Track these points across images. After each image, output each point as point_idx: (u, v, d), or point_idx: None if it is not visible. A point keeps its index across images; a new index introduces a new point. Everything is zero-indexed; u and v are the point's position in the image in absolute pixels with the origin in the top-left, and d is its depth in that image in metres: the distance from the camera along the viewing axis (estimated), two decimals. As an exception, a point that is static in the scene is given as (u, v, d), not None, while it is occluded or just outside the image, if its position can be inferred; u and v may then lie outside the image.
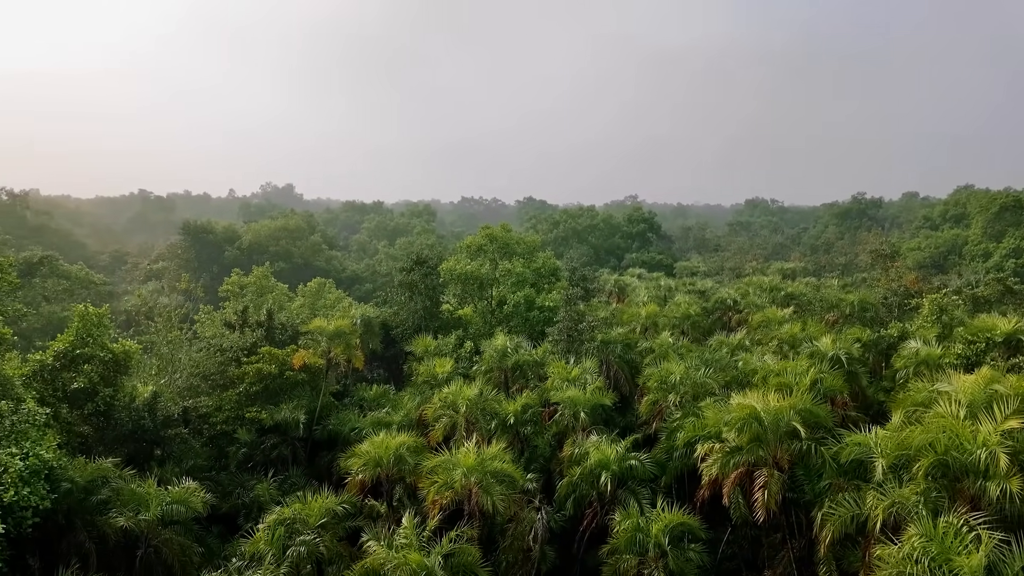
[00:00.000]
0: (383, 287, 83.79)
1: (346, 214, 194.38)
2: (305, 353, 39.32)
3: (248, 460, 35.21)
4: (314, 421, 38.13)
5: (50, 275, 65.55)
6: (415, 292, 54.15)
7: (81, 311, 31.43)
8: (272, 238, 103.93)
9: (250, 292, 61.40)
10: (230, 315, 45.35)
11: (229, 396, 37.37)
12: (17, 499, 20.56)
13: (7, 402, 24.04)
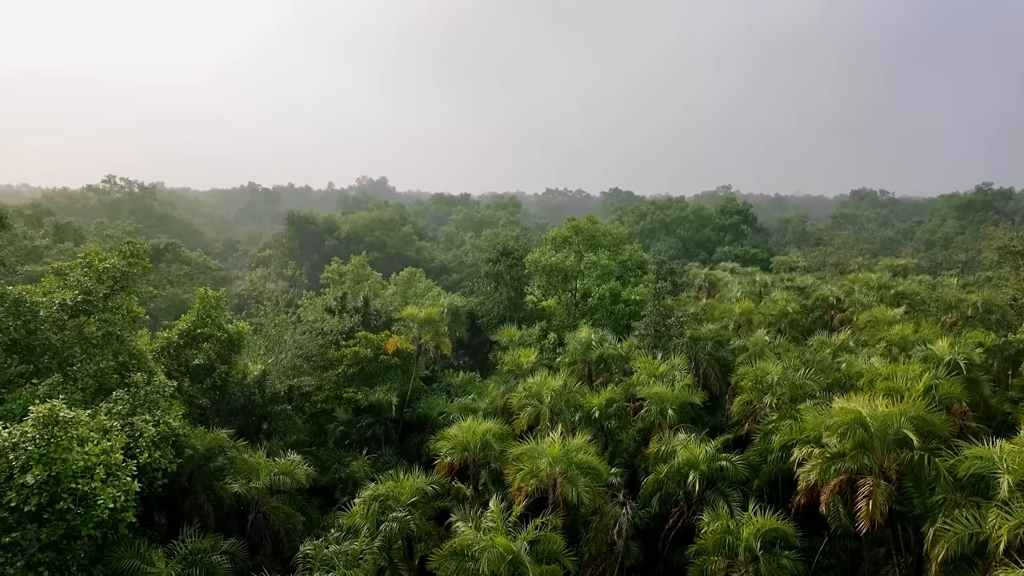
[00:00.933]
0: (469, 277, 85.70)
1: (435, 206, 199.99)
2: (398, 339, 41.11)
3: (345, 438, 37.36)
4: (405, 404, 39.85)
5: (174, 260, 72.30)
6: (500, 283, 55.11)
7: (202, 294, 34.47)
8: (367, 228, 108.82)
9: (348, 280, 64.75)
10: (330, 301, 48.05)
11: (329, 377, 39.77)
12: (150, 461, 23.01)
13: (142, 374, 26.90)
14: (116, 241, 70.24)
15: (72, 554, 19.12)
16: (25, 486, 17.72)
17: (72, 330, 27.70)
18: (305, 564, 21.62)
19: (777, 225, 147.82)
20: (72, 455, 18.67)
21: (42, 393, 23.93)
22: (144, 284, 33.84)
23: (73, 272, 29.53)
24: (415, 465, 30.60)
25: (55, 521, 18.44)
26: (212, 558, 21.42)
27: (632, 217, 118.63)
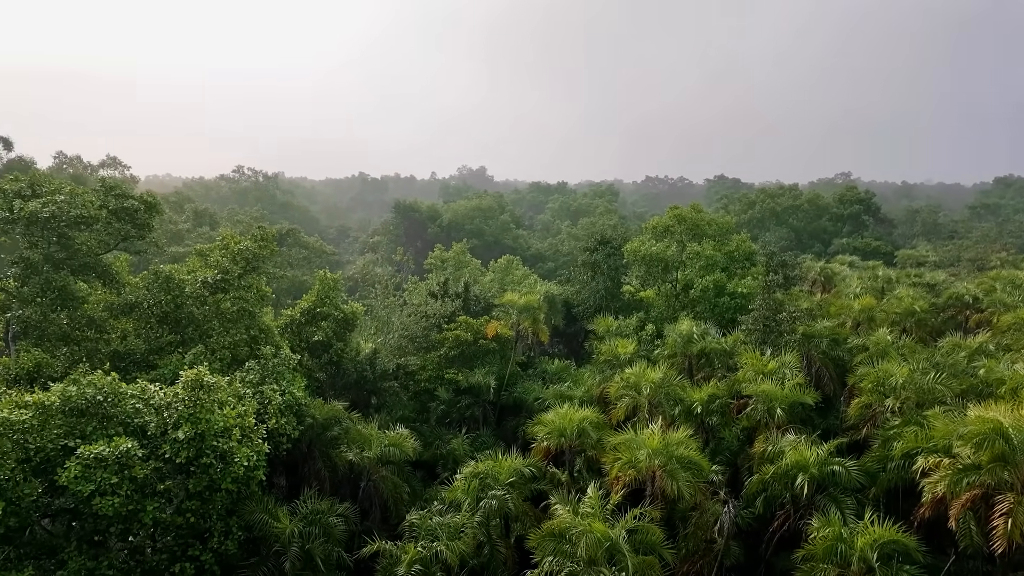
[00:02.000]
0: (565, 266, 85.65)
1: (532, 194, 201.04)
2: (497, 324, 42.10)
3: (445, 416, 38.96)
4: (502, 387, 40.85)
5: (294, 245, 78.07)
6: (597, 272, 54.72)
7: (322, 276, 37.10)
8: (467, 217, 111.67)
9: (449, 266, 67.00)
10: (433, 286, 49.97)
11: (431, 358, 41.55)
12: (276, 427, 25.30)
13: (270, 347, 29.53)
14: (245, 226, 76.92)
15: (212, 504, 21.52)
16: (176, 441, 20.12)
17: (211, 305, 30.84)
18: (411, 532, 22.93)
19: (904, 216, 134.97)
20: (214, 416, 20.94)
21: (188, 360, 26.94)
22: (271, 266, 36.98)
23: (212, 253, 32.83)
24: (512, 447, 31.41)
25: (199, 474, 20.81)
26: (329, 519, 23.22)
27: (739, 206, 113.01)
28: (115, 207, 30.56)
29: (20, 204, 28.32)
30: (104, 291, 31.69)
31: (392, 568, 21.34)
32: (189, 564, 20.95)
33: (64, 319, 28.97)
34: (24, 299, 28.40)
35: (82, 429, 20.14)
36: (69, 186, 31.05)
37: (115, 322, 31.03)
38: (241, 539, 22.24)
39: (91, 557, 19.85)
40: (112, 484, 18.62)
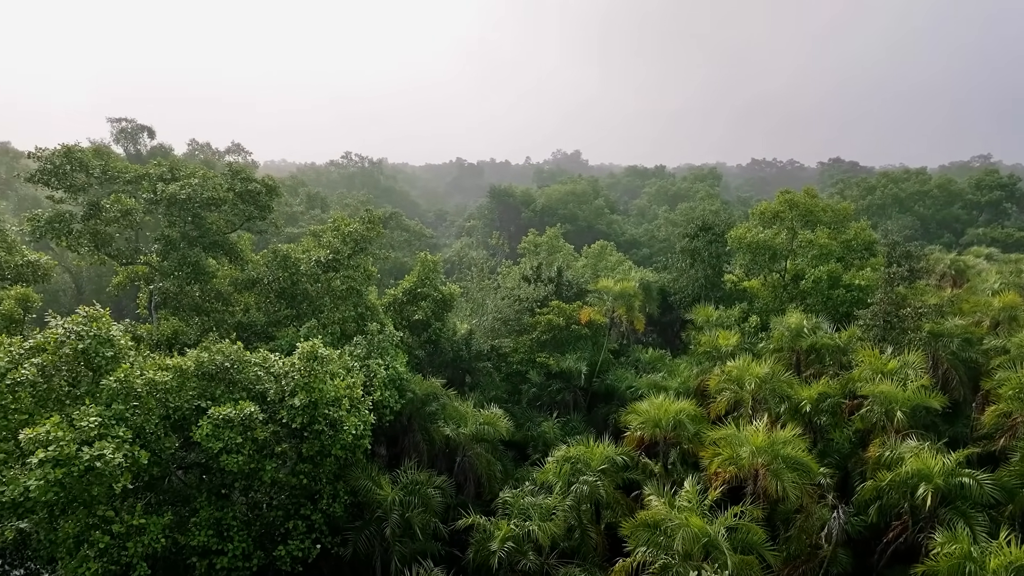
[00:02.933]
0: (661, 252, 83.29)
1: (627, 179, 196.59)
2: (591, 310, 41.74)
3: (536, 399, 39.33)
4: (594, 374, 40.57)
5: (396, 227, 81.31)
6: (697, 259, 52.60)
7: (423, 258, 38.41)
8: (561, 201, 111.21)
9: (543, 250, 67.15)
10: (526, 270, 50.30)
11: (523, 341, 41.98)
12: (381, 399, 26.64)
13: (376, 324, 31.05)
14: (353, 209, 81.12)
15: (323, 468, 23.08)
16: (293, 407, 21.69)
17: (324, 283, 32.85)
18: (504, 510, 23.44)
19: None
20: (326, 386, 22.35)
21: (303, 334, 28.90)
22: (377, 247, 38.72)
23: (325, 235, 34.87)
24: (603, 435, 31.15)
25: (312, 439, 22.36)
26: (427, 491, 24.22)
27: (857, 191, 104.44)
28: (241, 190, 33.17)
29: (162, 187, 31.44)
30: (230, 267, 34.62)
31: (485, 542, 21.95)
32: (301, 522, 22.65)
33: (197, 292, 31.97)
34: (164, 272, 31.62)
35: (212, 392, 22.19)
36: (202, 170, 34.05)
37: (239, 296, 33.85)
38: (347, 503, 23.73)
39: (218, 508, 21.95)
40: (237, 443, 20.39)
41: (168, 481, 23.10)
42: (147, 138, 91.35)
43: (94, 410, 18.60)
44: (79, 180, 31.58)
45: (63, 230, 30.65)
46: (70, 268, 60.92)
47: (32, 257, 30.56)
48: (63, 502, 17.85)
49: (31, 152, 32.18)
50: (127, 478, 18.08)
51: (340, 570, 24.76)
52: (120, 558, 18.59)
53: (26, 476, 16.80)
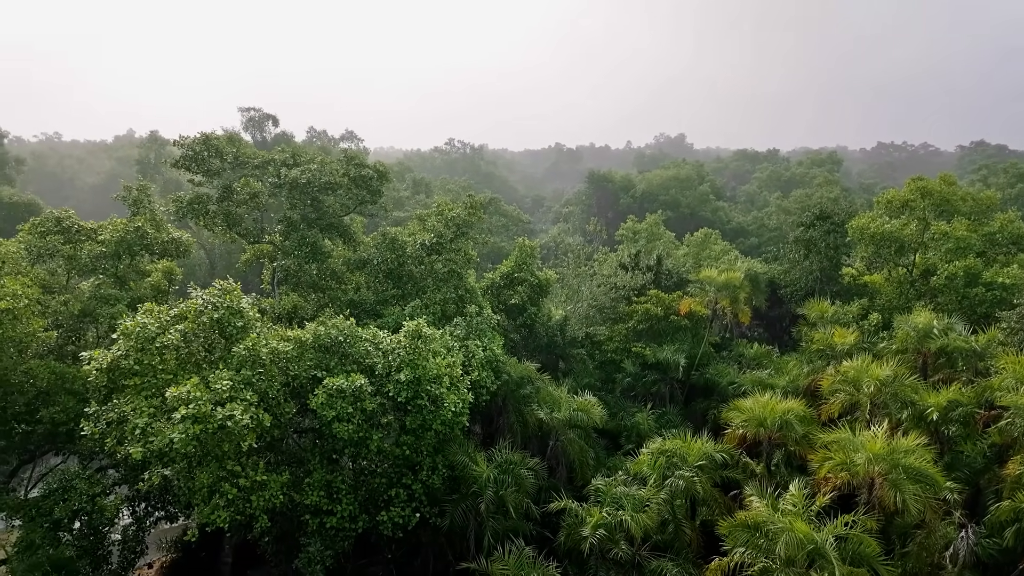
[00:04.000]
0: (771, 242, 78.67)
1: (736, 163, 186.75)
2: (691, 300, 40.37)
3: (631, 389, 38.75)
4: (692, 367, 39.28)
5: (494, 213, 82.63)
6: (812, 250, 49.29)
7: (521, 243, 38.82)
8: (662, 187, 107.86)
9: (642, 238, 65.63)
10: (624, 257, 49.42)
11: (619, 329, 41.42)
12: (478, 379, 27.39)
13: (474, 307, 31.90)
14: (454, 194, 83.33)
15: (423, 441, 24.18)
16: (398, 382, 22.85)
17: (427, 265, 34.12)
18: (596, 497, 23.46)
19: None
20: (429, 364, 23.34)
21: (408, 313, 30.26)
22: (477, 231, 39.62)
23: (429, 219, 36.14)
24: (701, 430, 30.22)
25: (415, 413, 23.47)
26: (520, 471, 24.73)
27: (1005, 178, 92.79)
28: (355, 175, 35.08)
29: (285, 172, 33.92)
30: (344, 248, 36.83)
31: (577, 527, 22.11)
32: (402, 491, 23.92)
33: (314, 270, 34.32)
34: (286, 251, 34.20)
35: (327, 363, 23.84)
36: (320, 156, 36.35)
37: (351, 275, 35.96)
38: (445, 476, 24.75)
39: (329, 471, 23.67)
40: (348, 413, 21.83)
41: (286, 443, 25.17)
42: (271, 126, 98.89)
43: (226, 374, 20.59)
44: (214, 165, 34.78)
45: (201, 211, 33.94)
46: (205, 245, 67.40)
47: (175, 234, 34.12)
48: (199, 455, 19.96)
49: (175, 140, 35.83)
50: (252, 437, 19.90)
51: (437, 539, 25.97)
52: (245, 509, 20.56)
53: (170, 429, 18.94)
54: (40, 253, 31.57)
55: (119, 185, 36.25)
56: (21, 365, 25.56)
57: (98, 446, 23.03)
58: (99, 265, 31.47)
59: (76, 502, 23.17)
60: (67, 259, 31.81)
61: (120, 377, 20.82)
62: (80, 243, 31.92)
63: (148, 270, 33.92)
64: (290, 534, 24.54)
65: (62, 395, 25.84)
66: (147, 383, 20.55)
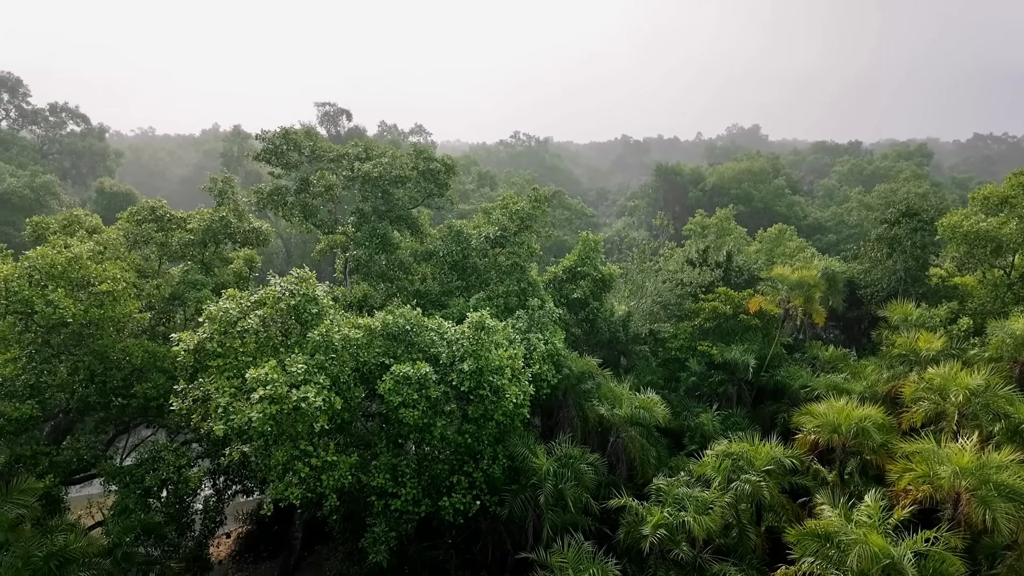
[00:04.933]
0: (851, 239, 74.68)
1: (814, 156, 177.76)
2: (762, 299, 38.88)
3: (696, 388, 37.81)
4: (762, 368, 37.90)
5: (557, 206, 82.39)
6: (896, 249, 46.37)
7: (584, 237, 38.55)
8: (734, 180, 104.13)
9: (711, 233, 63.71)
10: (691, 253, 48.15)
11: (684, 327, 40.47)
12: (539, 372, 27.53)
13: (536, 300, 31.99)
14: (519, 187, 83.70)
15: (485, 431, 24.56)
16: (462, 372, 23.28)
17: (491, 258, 34.50)
18: (657, 496, 23.13)
19: None
20: (492, 355, 23.65)
21: (472, 304, 30.73)
22: (540, 225, 39.64)
23: (494, 212, 36.47)
24: (769, 434, 29.19)
25: (477, 403, 23.86)
26: (580, 465, 24.68)
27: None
28: (423, 169, 35.84)
29: (358, 165, 35.07)
30: (411, 240, 37.76)
31: (637, 526, 21.90)
32: (463, 478, 24.41)
33: (383, 260, 35.39)
34: (357, 242, 35.42)
35: (394, 351, 24.59)
36: (391, 150, 37.32)
37: (418, 266, 36.85)
38: (505, 466, 25.07)
39: (395, 455, 24.46)
40: (414, 399, 22.45)
41: (355, 426, 26.17)
42: (345, 120, 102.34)
43: (301, 358, 21.62)
44: (292, 159, 36.38)
45: (280, 202, 35.63)
46: (282, 235, 70.74)
47: (256, 224, 36.01)
48: (275, 434, 21.07)
49: (257, 134, 37.71)
50: (324, 419, 20.82)
51: (496, 528, 26.38)
52: (316, 488, 21.56)
53: (249, 409, 20.09)
54: (136, 240, 34.08)
55: (205, 176, 38.60)
56: (119, 343, 27.72)
57: (184, 421, 24.76)
58: (187, 252, 33.67)
59: (164, 472, 24.97)
60: (159, 246, 34.19)
61: (205, 358, 22.23)
62: (171, 231, 34.24)
63: (231, 257, 35.98)
64: (357, 514, 25.57)
65: (154, 372, 27.88)
66: (229, 364, 21.85)
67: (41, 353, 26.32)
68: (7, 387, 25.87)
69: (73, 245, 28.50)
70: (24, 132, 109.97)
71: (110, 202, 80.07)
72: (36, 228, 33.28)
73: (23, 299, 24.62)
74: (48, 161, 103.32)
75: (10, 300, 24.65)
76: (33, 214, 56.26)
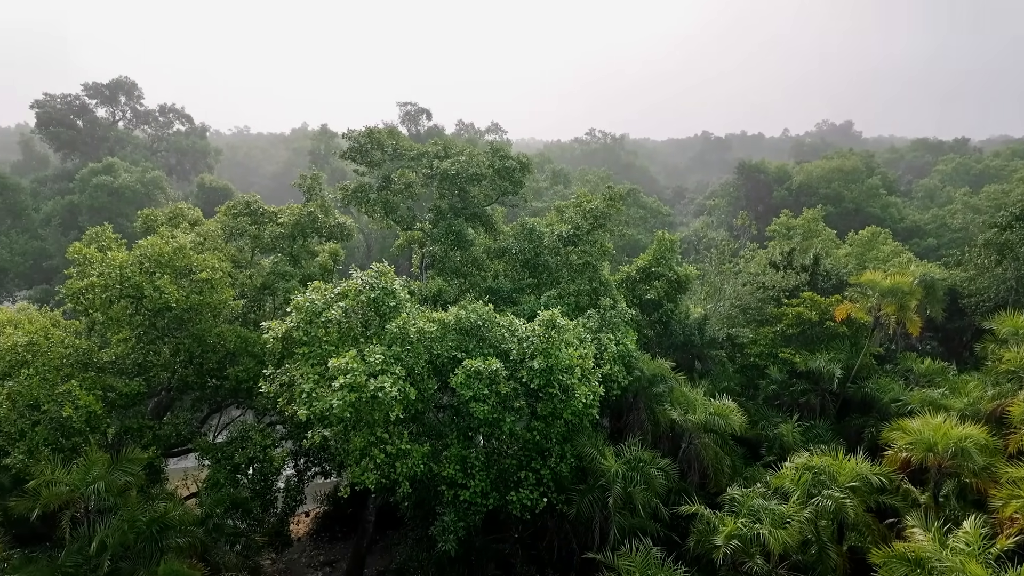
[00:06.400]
0: (954, 244, 69.02)
1: (913, 154, 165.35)
2: (851, 306, 36.69)
3: (775, 397, 36.23)
4: (849, 378, 35.81)
5: (632, 204, 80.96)
6: (1007, 256, 42.67)
7: (660, 236, 37.76)
8: (823, 179, 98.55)
9: (796, 234, 60.69)
10: (775, 255, 46.12)
11: (765, 332, 38.84)
12: (609, 373, 27.25)
13: (608, 299, 31.67)
14: (593, 185, 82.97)
15: (553, 429, 24.62)
16: (532, 369, 23.43)
17: (563, 256, 34.47)
18: (731, 506, 22.39)
19: None
20: (562, 354, 23.65)
21: (543, 302, 30.83)
22: (614, 223, 39.17)
23: (568, 210, 36.41)
24: (855, 448, 27.54)
25: (546, 401, 23.94)
26: (650, 470, 24.27)
27: None
28: (499, 166, 36.27)
29: (437, 163, 35.95)
30: (485, 237, 38.31)
31: (708, 535, 21.29)
32: (531, 474, 24.58)
33: (458, 257, 36.13)
34: (434, 238, 36.34)
35: (466, 346, 25.08)
36: (468, 148, 38.02)
37: (490, 263, 37.36)
38: (573, 465, 25.02)
39: (464, 447, 24.95)
40: (484, 394, 22.82)
41: (427, 417, 26.91)
42: (425, 119, 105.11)
43: (379, 349, 22.47)
44: (376, 157, 37.78)
45: (363, 199, 37.10)
46: (363, 230, 73.55)
47: (340, 220, 37.67)
48: (354, 420, 22.01)
49: (344, 133, 39.42)
50: (399, 409, 21.55)
51: (563, 526, 26.40)
52: (390, 474, 22.36)
53: (331, 395, 21.09)
54: (232, 232, 36.50)
55: (293, 172, 40.86)
56: (215, 328, 29.82)
57: (271, 404, 26.34)
58: (278, 245, 35.72)
59: (251, 450, 26.66)
60: (253, 238, 36.46)
61: (291, 345, 23.54)
62: (264, 225, 36.43)
63: (317, 251, 37.85)
64: (427, 502, 26.30)
65: (245, 357, 29.81)
66: (313, 352, 23.03)
67: (148, 335, 28.76)
68: (119, 365, 28.47)
69: (178, 236, 30.93)
70: (137, 131, 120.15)
71: (209, 196, 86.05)
72: (146, 220, 36.36)
73: (135, 284, 26.97)
74: (156, 158, 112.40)
75: (124, 285, 27.06)
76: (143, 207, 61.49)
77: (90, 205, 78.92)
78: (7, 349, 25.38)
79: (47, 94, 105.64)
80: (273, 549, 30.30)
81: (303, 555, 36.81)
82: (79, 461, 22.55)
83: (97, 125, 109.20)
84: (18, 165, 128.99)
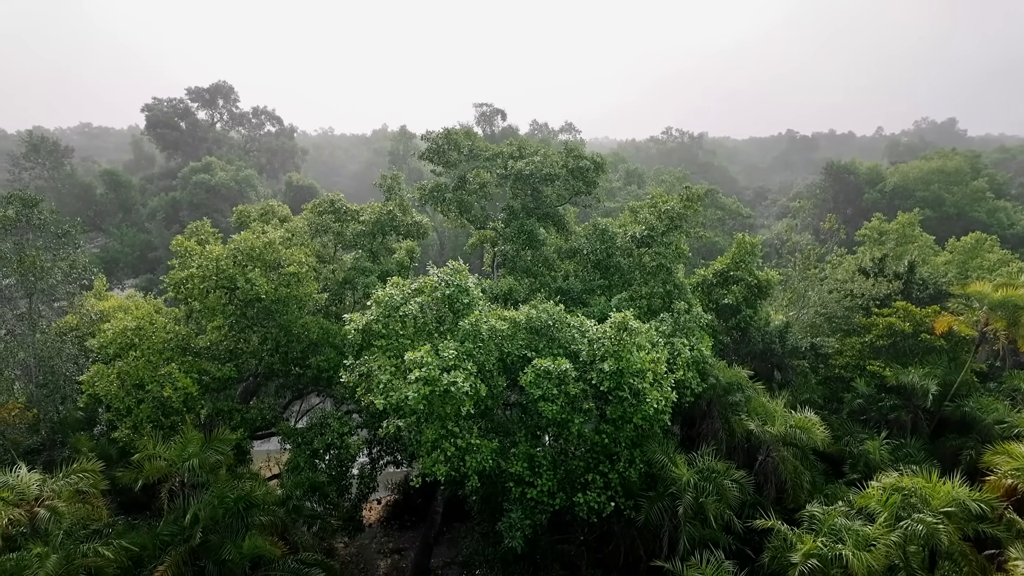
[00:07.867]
0: (1076, 254, 62.45)
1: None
2: (952, 319, 34.02)
3: (861, 412, 34.13)
4: (946, 396, 33.19)
5: (710, 205, 78.47)
6: None
7: (740, 239, 36.41)
8: (921, 181, 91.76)
9: (890, 240, 56.90)
10: (865, 261, 43.43)
11: (852, 343, 36.69)
12: (683, 379, 26.59)
13: (683, 303, 30.90)
14: (669, 185, 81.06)
15: (622, 433, 24.31)
16: (602, 371, 23.23)
17: (636, 258, 33.90)
18: (810, 524, 21.35)
19: None
20: (633, 357, 23.30)
21: (614, 304, 30.49)
22: (690, 225, 38.12)
23: (642, 211, 35.77)
24: (951, 471, 25.53)
25: (616, 404, 23.67)
26: (723, 481, 23.50)
27: None
28: (573, 166, 36.16)
29: (512, 164, 36.28)
30: (556, 237, 38.32)
31: (784, 552, 20.41)
32: (599, 477, 24.39)
33: (529, 256, 36.32)
34: (506, 238, 36.70)
35: (536, 345, 25.20)
36: (543, 149, 38.11)
37: (561, 263, 37.31)
38: (642, 471, 24.62)
39: (533, 445, 25.09)
40: (552, 394, 22.86)
41: (496, 413, 27.25)
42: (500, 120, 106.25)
43: (452, 345, 22.98)
44: (452, 157, 38.59)
45: (439, 198, 38.00)
46: (438, 228, 75.28)
47: (418, 218, 38.76)
48: (427, 413, 22.61)
49: (422, 135, 40.51)
50: (470, 404, 21.96)
51: (630, 531, 26.01)
52: (459, 467, 22.82)
53: (406, 387, 21.77)
54: (317, 229, 38.36)
55: (374, 172, 42.48)
56: (300, 319, 31.47)
57: (349, 393, 27.46)
58: (359, 241, 37.23)
59: (329, 437, 27.94)
60: (336, 235, 38.17)
61: (370, 337, 24.49)
62: (346, 222, 38.07)
63: (395, 248, 39.15)
64: (494, 498, 26.65)
65: (326, 347, 31.28)
66: (391, 345, 23.86)
67: (239, 323, 30.73)
68: (213, 350, 30.59)
69: (268, 232, 32.85)
70: (232, 132, 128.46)
71: (296, 194, 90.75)
72: (240, 216, 38.85)
73: (229, 276, 28.89)
74: (249, 157, 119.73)
75: (219, 277, 29.05)
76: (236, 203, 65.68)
77: (190, 201, 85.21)
78: (119, 332, 27.83)
79: (155, 98, 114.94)
80: (346, 533, 31.61)
81: (373, 541, 38.20)
82: (176, 438, 24.42)
83: (198, 127, 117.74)
84: (129, 164, 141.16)
